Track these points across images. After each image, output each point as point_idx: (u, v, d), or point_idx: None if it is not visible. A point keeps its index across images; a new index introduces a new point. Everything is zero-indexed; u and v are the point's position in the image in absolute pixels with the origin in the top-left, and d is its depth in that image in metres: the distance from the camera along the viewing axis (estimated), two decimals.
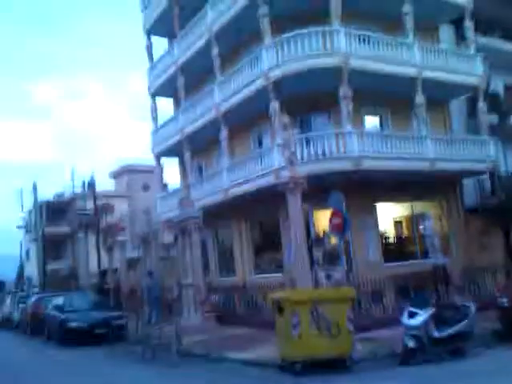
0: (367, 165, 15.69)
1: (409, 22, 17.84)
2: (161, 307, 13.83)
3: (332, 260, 17.41)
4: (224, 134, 19.27)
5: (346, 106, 15.90)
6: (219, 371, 9.63)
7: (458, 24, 21.73)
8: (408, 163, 16.69)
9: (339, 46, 16.01)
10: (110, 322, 14.65)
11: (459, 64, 18.86)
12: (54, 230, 44.20)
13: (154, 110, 25.05)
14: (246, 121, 19.44)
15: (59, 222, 46.60)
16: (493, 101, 20.49)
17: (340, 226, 10.32)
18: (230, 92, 18.72)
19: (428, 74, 17.82)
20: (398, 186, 17.08)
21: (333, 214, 10.43)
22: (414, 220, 19.24)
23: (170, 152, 24.44)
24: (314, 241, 17.68)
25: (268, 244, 20.04)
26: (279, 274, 18.28)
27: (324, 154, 15.71)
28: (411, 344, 8.66)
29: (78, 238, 33.08)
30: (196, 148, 22.27)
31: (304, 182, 11.82)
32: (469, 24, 19.68)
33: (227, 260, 21.47)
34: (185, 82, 22.32)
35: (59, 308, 16.61)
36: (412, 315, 8.87)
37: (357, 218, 17.43)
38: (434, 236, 14.73)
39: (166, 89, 24.67)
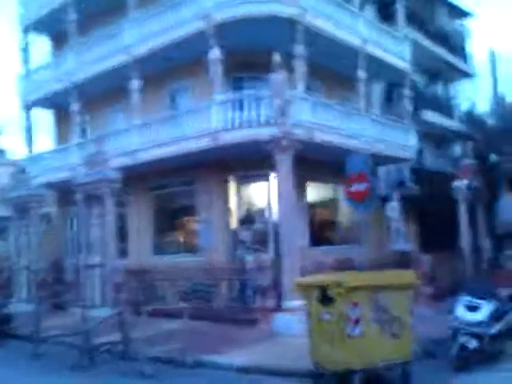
0: (319, 137, 13.82)
1: None
2: None
3: (260, 243, 15.32)
4: (136, 84, 15.76)
5: (301, 67, 13.81)
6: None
7: (380, 8, 21.21)
8: (350, 141, 15.24)
9: None
10: None
11: (392, 45, 18.07)
12: None
13: (26, 48, 20.09)
14: (159, 72, 16.18)
15: None
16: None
17: (364, 195, 8.15)
18: (150, 33, 15.34)
19: (369, 48, 16.63)
20: (327, 165, 15.55)
21: (353, 179, 8.22)
22: (336, 204, 17.97)
23: (46, 102, 19.83)
24: (242, 219, 15.36)
25: (175, 222, 17.10)
26: (190, 257, 15.58)
27: (265, 119, 13.31)
28: (472, 344, 6.93)
29: None
30: (83, 100, 18.23)
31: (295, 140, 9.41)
32: (400, 7, 19.03)
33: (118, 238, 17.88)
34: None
35: None
36: (472, 308, 7.15)
37: None
38: (400, 220, 13.43)
39: (43, 24, 19.98)
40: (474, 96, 25.54)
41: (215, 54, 13.61)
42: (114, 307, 11.38)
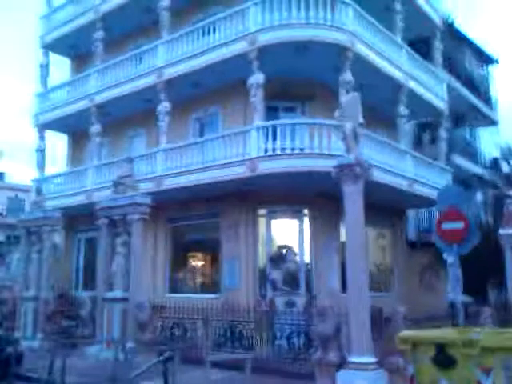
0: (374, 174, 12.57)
1: (399, 20, 15.72)
2: None
3: (291, 284, 14.04)
4: (165, 106, 14.77)
5: (346, 95, 12.84)
6: None
7: (413, 46, 20.65)
8: (393, 179, 14.20)
9: (346, 22, 13.05)
10: (2, 347, 8.78)
11: (431, 83, 17.30)
12: None
13: (46, 66, 19.17)
14: (187, 97, 15.24)
15: None
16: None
17: (460, 234, 6.98)
18: (184, 55, 14.46)
19: (411, 83, 15.83)
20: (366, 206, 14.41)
21: (447, 216, 7.08)
22: (368, 248, 16.71)
23: (61, 124, 18.75)
24: (270, 258, 14.08)
25: (196, 257, 15.82)
26: (211, 296, 14.19)
27: (304, 149, 12.28)
28: None
29: None
30: (102, 122, 17.18)
31: (369, 167, 8.32)
32: (439, 44, 18.39)
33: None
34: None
35: None
36: None
37: (321, 237, 14.39)
38: (459, 266, 12.13)
39: (65, 43, 19.19)
40: (496, 142, 24.90)
41: (258, 78, 12.66)
42: (138, 349, 10.03)
